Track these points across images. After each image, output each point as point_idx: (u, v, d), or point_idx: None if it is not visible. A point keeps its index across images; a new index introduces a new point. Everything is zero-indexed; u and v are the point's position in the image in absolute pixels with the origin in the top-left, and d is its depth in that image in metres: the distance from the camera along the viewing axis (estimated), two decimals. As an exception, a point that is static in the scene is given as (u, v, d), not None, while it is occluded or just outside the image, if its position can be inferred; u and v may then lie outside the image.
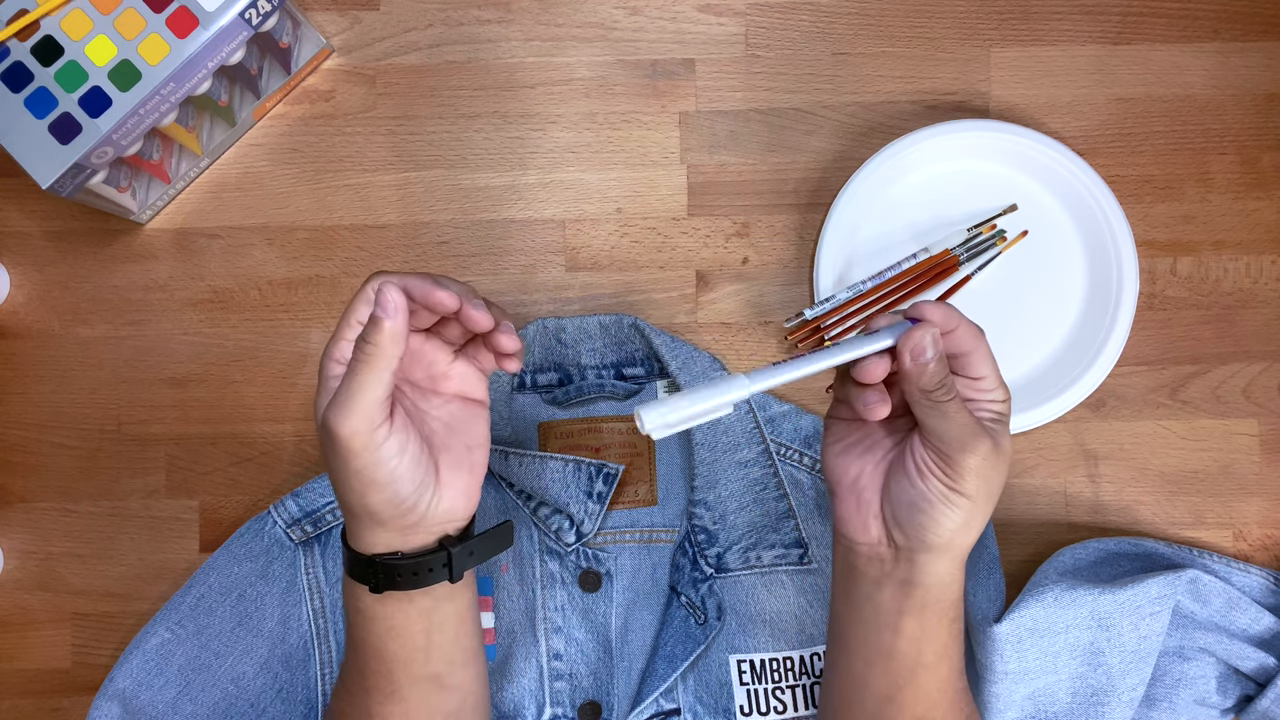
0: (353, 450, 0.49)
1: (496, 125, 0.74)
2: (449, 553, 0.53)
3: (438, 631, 0.54)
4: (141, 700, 0.68)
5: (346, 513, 0.53)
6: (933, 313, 0.52)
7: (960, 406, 0.52)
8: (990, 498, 0.52)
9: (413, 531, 0.52)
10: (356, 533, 0.53)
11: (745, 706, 0.68)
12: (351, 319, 0.52)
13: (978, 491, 0.51)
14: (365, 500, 0.51)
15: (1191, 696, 0.68)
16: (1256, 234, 0.74)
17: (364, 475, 0.50)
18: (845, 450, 0.56)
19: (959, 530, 0.52)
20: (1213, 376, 0.74)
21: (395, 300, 0.49)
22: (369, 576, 0.52)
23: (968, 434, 0.51)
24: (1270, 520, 0.73)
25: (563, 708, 0.68)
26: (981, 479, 0.51)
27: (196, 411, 0.73)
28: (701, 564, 0.68)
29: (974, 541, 0.53)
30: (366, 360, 0.49)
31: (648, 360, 0.72)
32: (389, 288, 0.49)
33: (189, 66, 0.63)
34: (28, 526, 0.73)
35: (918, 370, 0.51)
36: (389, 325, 0.49)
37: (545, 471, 0.68)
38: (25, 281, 0.74)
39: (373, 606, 0.53)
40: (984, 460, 0.51)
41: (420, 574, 0.52)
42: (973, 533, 0.53)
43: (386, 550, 0.52)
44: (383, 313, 0.49)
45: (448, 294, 0.51)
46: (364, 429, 0.49)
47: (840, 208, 0.71)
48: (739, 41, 0.75)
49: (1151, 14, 0.75)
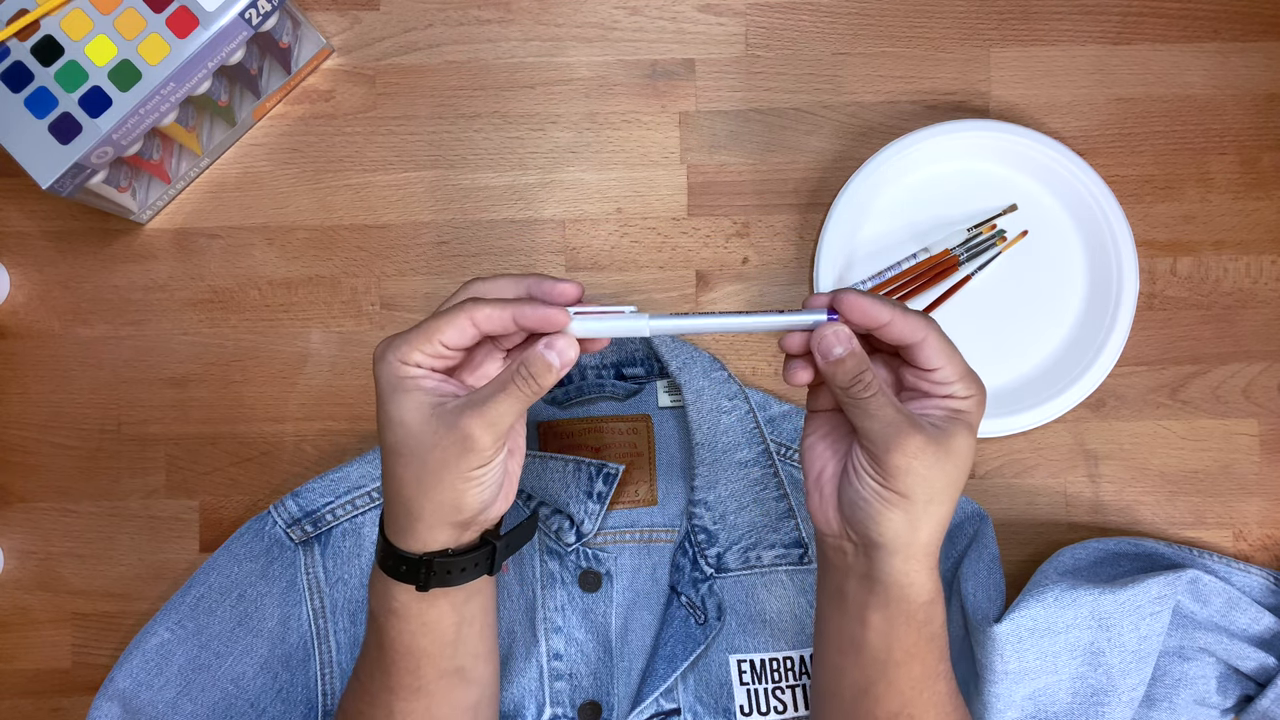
0: (483, 458, 0.51)
1: (496, 125, 0.74)
2: (494, 546, 0.55)
3: (467, 625, 0.55)
4: (141, 700, 0.68)
5: (415, 512, 0.52)
6: (852, 307, 0.50)
7: (884, 403, 0.50)
8: (935, 498, 0.50)
9: (468, 529, 0.54)
10: (416, 532, 0.52)
11: (745, 706, 0.68)
12: (435, 338, 0.51)
13: (913, 491, 0.49)
14: (462, 500, 0.51)
15: (1191, 696, 0.68)
16: (1256, 234, 0.74)
17: (474, 478, 0.51)
18: (816, 442, 0.55)
19: (903, 530, 0.50)
20: (1213, 376, 0.74)
21: (570, 354, 0.51)
22: (418, 576, 0.53)
23: (892, 431, 0.49)
24: (1270, 520, 0.73)
25: (563, 708, 0.68)
26: (916, 478, 0.49)
27: (196, 411, 0.73)
28: (701, 564, 0.68)
29: (932, 542, 0.51)
30: (526, 391, 0.51)
31: (648, 360, 0.72)
32: (563, 339, 0.51)
33: (189, 66, 0.63)
34: (28, 526, 0.73)
35: (829, 369, 0.50)
36: (560, 373, 0.51)
37: (545, 471, 0.68)
38: (25, 281, 0.74)
39: (410, 605, 0.54)
40: (915, 459, 0.49)
41: (467, 569, 0.54)
42: (922, 533, 0.50)
43: (439, 548, 0.53)
44: (559, 360, 0.51)
45: (568, 286, 0.53)
46: (499, 441, 0.51)
47: (840, 208, 0.71)
48: (739, 41, 0.75)
49: (1151, 14, 0.75)
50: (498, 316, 0.51)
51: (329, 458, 0.73)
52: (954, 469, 0.50)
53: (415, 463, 0.51)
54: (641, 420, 0.72)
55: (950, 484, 0.50)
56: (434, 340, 0.51)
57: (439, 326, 0.51)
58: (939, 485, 0.50)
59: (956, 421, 0.51)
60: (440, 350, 0.51)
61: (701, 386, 0.69)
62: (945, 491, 0.50)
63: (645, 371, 0.72)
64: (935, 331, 0.51)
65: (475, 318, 0.51)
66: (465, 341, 0.51)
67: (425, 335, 0.51)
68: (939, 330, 0.51)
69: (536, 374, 0.50)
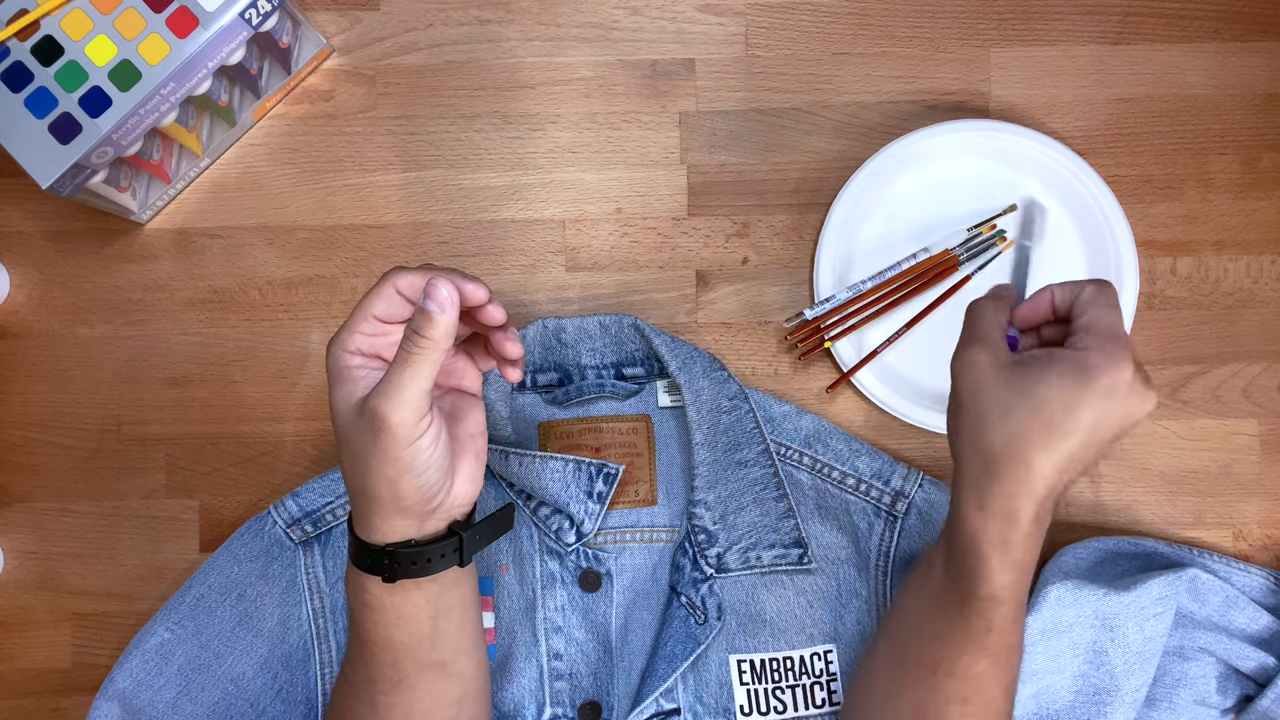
0: (399, 438, 0.50)
1: (496, 125, 0.74)
2: (460, 537, 0.55)
3: (443, 618, 0.55)
4: (141, 700, 0.68)
5: (366, 502, 0.53)
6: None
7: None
8: (986, 413, 0.53)
9: (429, 519, 0.54)
10: (372, 523, 0.53)
11: (745, 706, 0.68)
12: (367, 313, 0.53)
13: (967, 396, 0.55)
14: (397, 488, 0.52)
15: (1191, 696, 0.68)
16: (1256, 234, 0.74)
17: (402, 462, 0.51)
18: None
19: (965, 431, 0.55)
20: (1213, 376, 0.74)
21: (451, 296, 0.50)
22: (382, 566, 0.53)
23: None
24: (1270, 520, 0.73)
25: (563, 707, 0.68)
26: (980, 387, 0.54)
27: (196, 411, 0.73)
28: (701, 564, 0.68)
29: (980, 481, 0.53)
30: (419, 353, 0.50)
31: (648, 360, 0.72)
32: (442, 283, 0.50)
33: (189, 66, 0.63)
34: (28, 526, 0.73)
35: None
36: (445, 320, 0.50)
37: (545, 471, 0.68)
38: (25, 281, 0.74)
39: (381, 597, 0.54)
40: (982, 370, 0.54)
41: (434, 560, 0.54)
42: (971, 455, 0.54)
43: (401, 539, 0.53)
44: (439, 308, 0.50)
45: (477, 286, 0.53)
46: (412, 418, 0.50)
47: (840, 208, 0.71)
48: (739, 41, 0.75)
49: (1151, 14, 0.75)
50: (418, 281, 0.53)
51: (329, 458, 0.73)
52: (1011, 393, 0.52)
53: (349, 453, 0.52)
54: (641, 420, 0.72)
55: (1005, 409, 0.52)
56: (367, 316, 0.53)
57: (368, 301, 0.53)
58: (991, 403, 0.52)
59: (1046, 358, 0.53)
60: (377, 326, 0.53)
61: (701, 386, 0.69)
62: (1001, 414, 0.52)
63: (645, 371, 0.72)
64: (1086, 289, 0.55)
65: (398, 284, 0.53)
66: (396, 311, 0.53)
67: (359, 314, 0.53)
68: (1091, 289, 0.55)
69: (420, 328, 0.50)
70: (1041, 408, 0.51)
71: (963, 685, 0.55)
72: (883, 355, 0.72)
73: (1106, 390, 0.51)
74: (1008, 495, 0.52)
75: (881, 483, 0.70)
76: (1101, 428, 0.52)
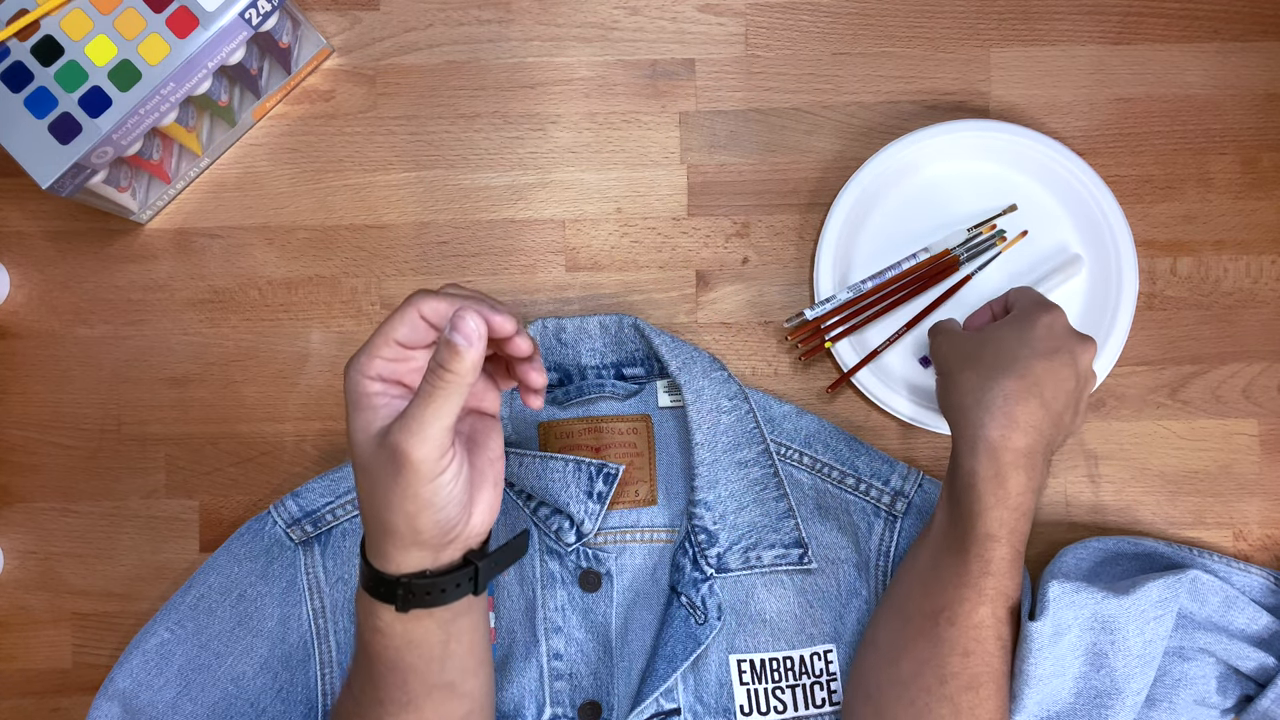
0: (421, 475, 0.49)
1: (496, 125, 0.74)
2: (476, 567, 0.53)
3: (454, 641, 0.54)
4: (141, 700, 0.68)
5: (382, 533, 0.51)
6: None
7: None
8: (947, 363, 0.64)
9: (445, 549, 0.52)
10: (387, 553, 0.51)
11: (745, 706, 0.68)
12: (389, 337, 0.51)
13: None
14: (416, 522, 0.50)
15: (1191, 696, 0.68)
16: (1256, 234, 0.74)
17: (422, 499, 0.49)
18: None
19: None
20: (1213, 376, 0.74)
21: (479, 329, 0.48)
22: (395, 597, 0.52)
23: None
24: (1270, 520, 0.73)
25: (563, 707, 0.68)
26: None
27: (196, 411, 0.73)
28: (702, 564, 0.68)
29: (959, 408, 0.60)
30: (445, 387, 0.48)
31: (648, 360, 0.72)
32: (470, 314, 0.48)
33: (189, 66, 0.63)
34: (28, 526, 0.73)
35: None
36: (472, 355, 0.48)
37: (545, 471, 0.68)
38: (25, 281, 0.74)
39: (393, 624, 0.53)
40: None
41: (449, 590, 0.52)
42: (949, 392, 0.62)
43: (415, 569, 0.52)
44: (466, 342, 0.48)
45: (505, 319, 0.51)
46: (434, 455, 0.49)
47: (840, 208, 0.71)
48: (739, 41, 0.75)
49: (1151, 14, 0.75)
50: (444, 308, 0.50)
51: (329, 458, 0.73)
52: (973, 345, 0.63)
53: (367, 482, 0.51)
54: (641, 420, 0.72)
55: (974, 357, 0.62)
56: (389, 341, 0.51)
57: (390, 325, 0.51)
58: (961, 356, 0.62)
59: (997, 323, 0.65)
60: (398, 351, 0.51)
61: (701, 386, 0.69)
62: (972, 361, 0.61)
63: (645, 371, 0.72)
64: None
65: (422, 309, 0.51)
66: (419, 337, 0.51)
67: (381, 338, 0.51)
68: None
69: (445, 361, 0.48)
70: (1000, 346, 0.61)
71: (964, 635, 0.58)
72: (883, 355, 0.72)
73: (1048, 326, 0.61)
74: (992, 426, 0.58)
75: (881, 482, 0.70)
76: (1056, 361, 0.60)
